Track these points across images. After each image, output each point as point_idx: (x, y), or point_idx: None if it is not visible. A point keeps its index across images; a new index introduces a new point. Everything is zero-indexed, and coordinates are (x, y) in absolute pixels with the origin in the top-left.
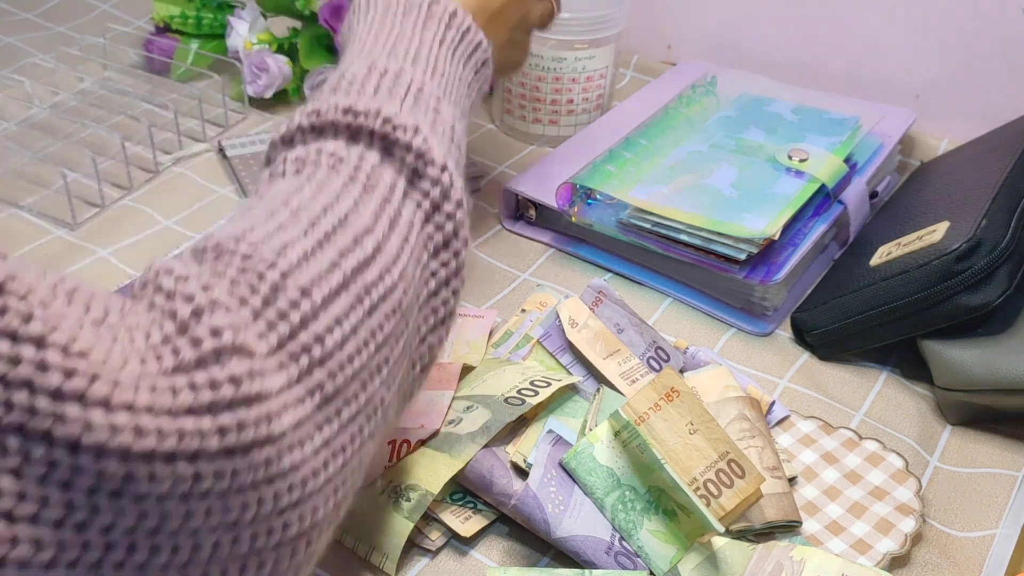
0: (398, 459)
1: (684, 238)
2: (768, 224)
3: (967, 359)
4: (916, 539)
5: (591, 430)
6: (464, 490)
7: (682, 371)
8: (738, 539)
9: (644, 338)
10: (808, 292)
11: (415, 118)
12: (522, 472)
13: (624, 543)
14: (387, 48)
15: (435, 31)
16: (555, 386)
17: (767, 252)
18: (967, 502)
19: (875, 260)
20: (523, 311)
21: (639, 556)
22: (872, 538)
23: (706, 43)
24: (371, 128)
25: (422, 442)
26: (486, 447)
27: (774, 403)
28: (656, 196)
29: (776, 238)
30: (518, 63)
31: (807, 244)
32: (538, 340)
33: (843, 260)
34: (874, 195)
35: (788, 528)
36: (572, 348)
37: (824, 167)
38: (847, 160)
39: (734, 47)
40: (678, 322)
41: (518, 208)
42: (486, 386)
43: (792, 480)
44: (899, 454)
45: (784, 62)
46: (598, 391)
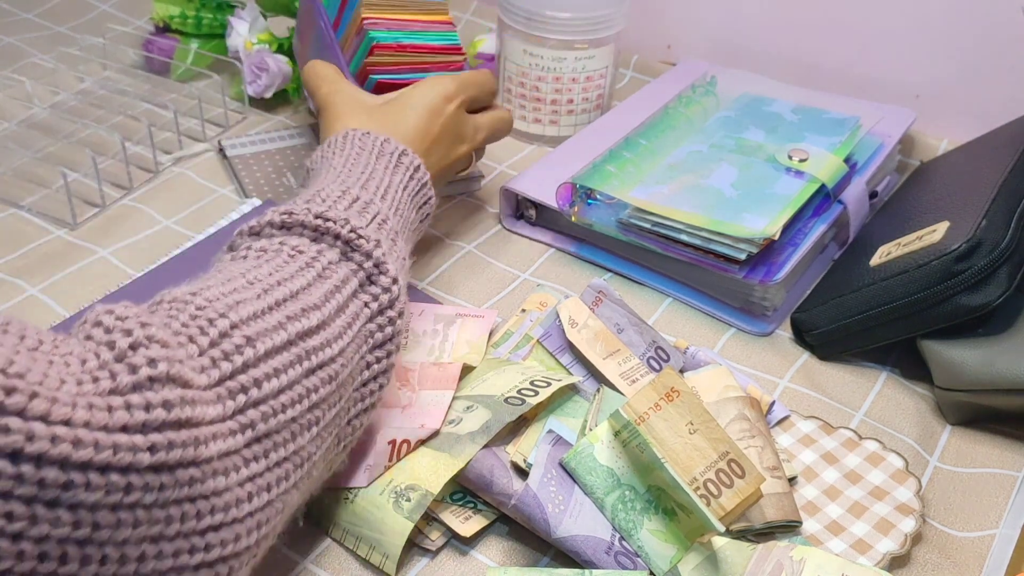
0: (398, 459)
1: (684, 238)
2: (768, 224)
3: (967, 359)
4: (916, 539)
5: (591, 430)
6: (464, 490)
7: (682, 371)
8: (738, 539)
9: (644, 338)
10: (808, 292)
11: (378, 235)
12: (522, 472)
13: (624, 543)
14: (360, 181)
15: (401, 177)
16: (555, 386)
17: (767, 252)
18: (967, 502)
19: (875, 260)
20: (523, 311)
21: (639, 556)
22: (872, 538)
23: (706, 43)
24: (337, 232)
25: (422, 442)
26: (486, 447)
27: (774, 403)
28: (656, 196)
29: (776, 238)
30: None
31: (807, 244)
32: (538, 340)
33: (843, 260)
34: (874, 195)
35: (788, 528)
36: (572, 348)
37: (824, 167)
38: (847, 160)
39: (734, 47)
40: (678, 322)
41: (518, 208)
42: (486, 386)
43: (792, 480)
44: (899, 454)
45: (784, 62)
46: (598, 391)
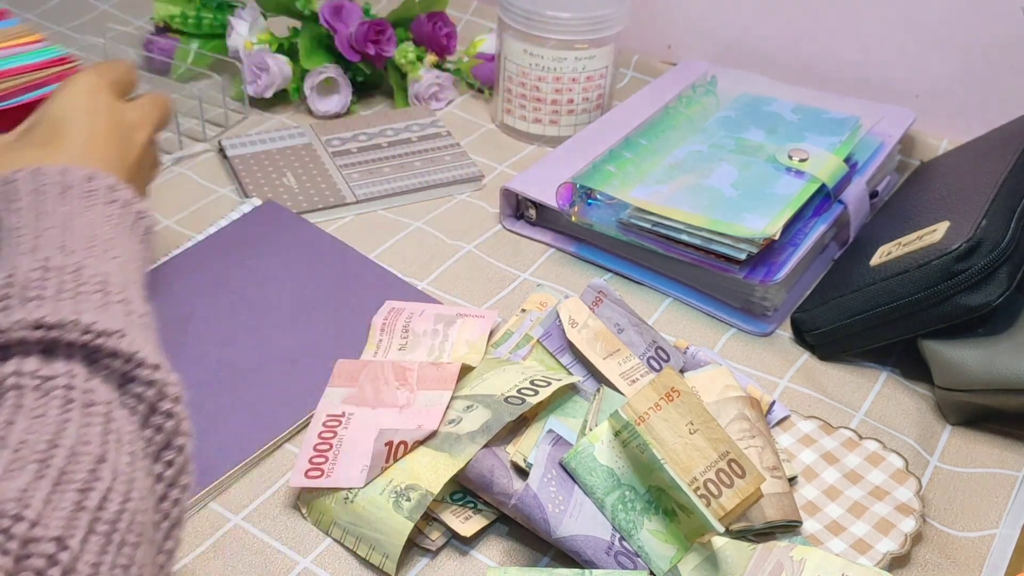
0: (394, 460)
1: (684, 238)
2: (768, 224)
3: (967, 359)
4: (916, 539)
5: (591, 430)
6: (464, 490)
7: (682, 371)
8: (738, 539)
9: (644, 338)
10: (808, 292)
11: (113, 319)
12: (522, 472)
13: (624, 543)
14: (55, 240)
15: (100, 210)
16: (555, 386)
17: (767, 252)
18: (967, 502)
19: (875, 260)
20: (523, 311)
21: (639, 556)
22: (872, 538)
23: (706, 43)
24: (70, 340)
25: (419, 442)
26: (486, 447)
27: (774, 403)
28: (656, 196)
29: (776, 238)
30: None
31: (807, 244)
32: (538, 340)
33: (843, 260)
34: (874, 195)
35: (788, 528)
36: (572, 348)
37: (824, 167)
38: (847, 160)
39: (734, 47)
40: (678, 322)
41: (518, 208)
42: (486, 386)
43: (792, 480)
44: (899, 454)
45: (784, 62)
46: (598, 391)
